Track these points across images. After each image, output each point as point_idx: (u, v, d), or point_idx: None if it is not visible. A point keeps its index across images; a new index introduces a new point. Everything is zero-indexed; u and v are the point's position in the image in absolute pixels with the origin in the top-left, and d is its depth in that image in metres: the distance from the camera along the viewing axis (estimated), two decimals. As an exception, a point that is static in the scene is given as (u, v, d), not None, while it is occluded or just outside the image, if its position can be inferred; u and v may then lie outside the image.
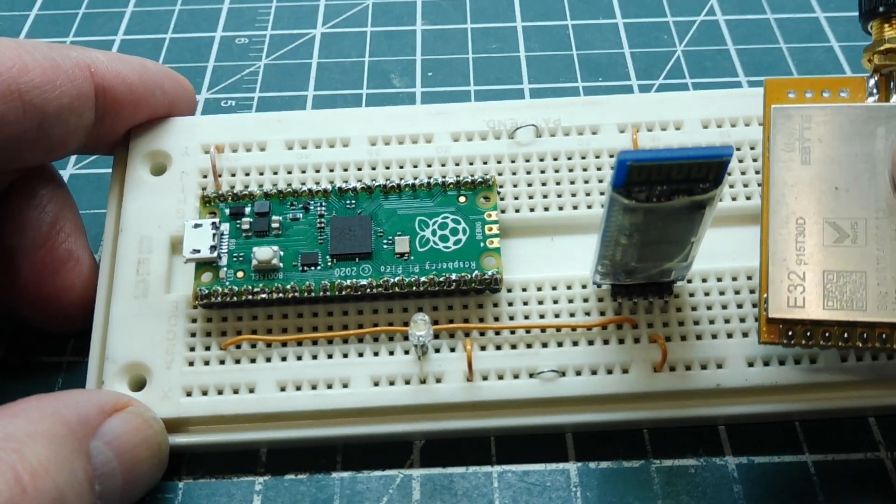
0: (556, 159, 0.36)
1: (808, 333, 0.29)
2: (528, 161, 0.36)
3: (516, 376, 0.33)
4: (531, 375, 0.32)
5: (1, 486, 0.24)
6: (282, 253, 0.33)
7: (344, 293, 0.33)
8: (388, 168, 0.36)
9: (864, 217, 0.29)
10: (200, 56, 0.49)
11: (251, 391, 0.32)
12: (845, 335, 0.29)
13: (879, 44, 0.31)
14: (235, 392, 0.32)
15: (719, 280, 0.34)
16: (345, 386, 0.32)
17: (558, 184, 0.36)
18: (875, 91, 0.31)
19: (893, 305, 0.29)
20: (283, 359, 0.33)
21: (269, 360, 0.33)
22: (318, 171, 0.36)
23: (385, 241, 0.34)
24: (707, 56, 0.48)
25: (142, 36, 0.50)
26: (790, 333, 0.30)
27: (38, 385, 0.34)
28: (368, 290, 0.33)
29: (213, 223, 0.33)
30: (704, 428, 0.33)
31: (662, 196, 0.27)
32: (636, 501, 0.31)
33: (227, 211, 0.34)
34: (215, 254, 0.33)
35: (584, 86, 0.47)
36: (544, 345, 0.33)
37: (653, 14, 0.51)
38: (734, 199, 0.35)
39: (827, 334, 0.29)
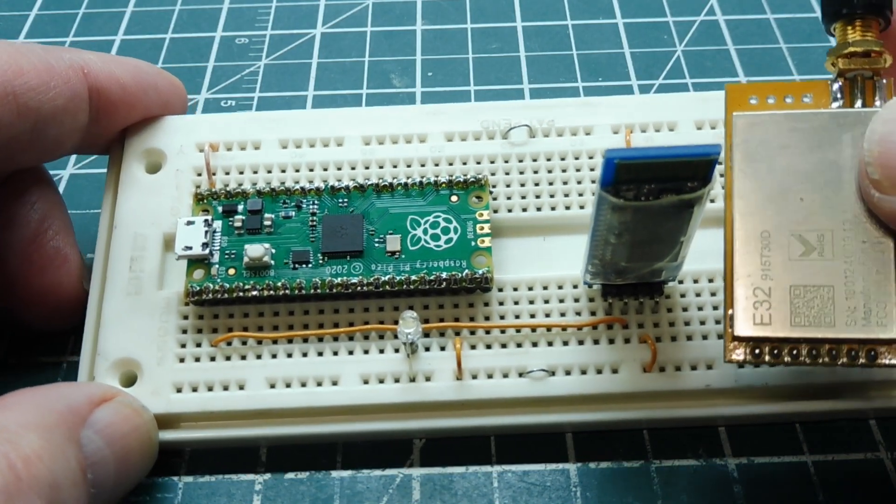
0: (549, 160, 0.36)
1: (776, 351, 0.28)
2: (521, 161, 0.36)
3: (506, 375, 0.33)
4: (521, 375, 0.32)
5: None
6: (273, 250, 0.34)
7: (335, 291, 0.33)
8: (381, 167, 0.36)
9: (830, 229, 0.28)
10: (200, 56, 0.49)
11: (241, 388, 0.32)
12: (813, 352, 0.28)
13: (843, 47, 0.30)
14: (226, 389, 0.32)
15: (710, 281, 0.34)
16: (334, 383, 0.32)
17: (551, 184, 0.36)
18: (839, 96, 0.30)
19: (862, 321, 0.28)
20: (274, 356, 0.33)
21: (259, 357, 0.33)
22: (311, 170, 0.36)
23: (377, 240, 0.34)
24: (707, 56, 0.48)
25: (142, 36, 0.50)
26: (757, 352, 0.29)
27: (38, 385, 0.34)
28: (359, 288, 0.33)
29: (206, 220, 0.34)
30: (704, 428, 0.33)
31: (651, 195, 0.27)
32: (636, 501, 0.32)
33: (220, 209, 0.35)
34: (207, 251, 0.33)
35: (584, 86, 0.47)
36: (534, 344, 0.33)
37: (653, 14, 0.51)
38: (727, 199, 0.35)
39: (794, 352, 0.28)
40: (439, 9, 0.52)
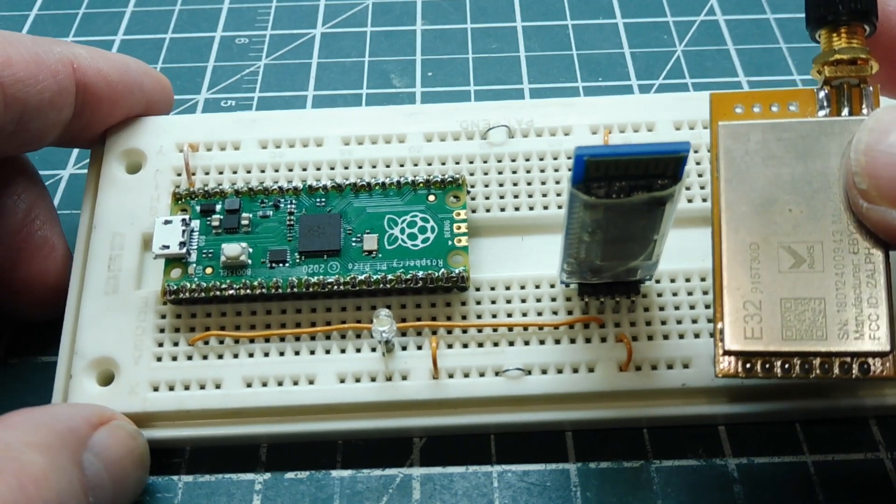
0: (527, 160, 0.36)
1: (767, 365, 0.28)
2: (499, 161, 0.36)
3: (482, 374, 0.33)
4: (497, 374, 0.32)
5: (6, 494, 0.25)
6: (251, 250, 0.34)
7: (311, 290, 0.33)
8: (360, 168, 0.36)
9: (820, 240, 0.28)
10: (200, 56, 0.49)
11: (217, 387, 0.33)
12: (805, 366, 0.28)
13: (829, 54, 0.29)
14: (202, 387, 0.33)
15: (687, 280, 0.34)
16: (311, 382, 0.33)
17: (529, 184, 0.36)
18: (826, 104, 0.30)
19: (855, 334, 0.27)
20: (250, 355, 0.33)
21: (236, 355, 0.33)
22: (290, 171, 0.36)
23: (354, 239, 0.34)
24: (707, 56, 0.48)
25: (142, 36, 0.50)
26: (748, 366, 0.28)
27: (38, 385, 0.34)
28: (335, 288, 0.33)
29: (184, 220, 0.34)
30: (705, 428, 0.33)
31: (622, 192, 0.27)
32: (636, 501, 0.32)
33: (198, 208, 0.35)
34: (184, 250, 0.33)
35: (584, 86, 0.47)
36: (511, 343, 0.33)
37: (653, 14, 0.51)
38: (704, 200, 0.35)
39: (786, 366, 0.28)
40: (439, 9, 0.52)
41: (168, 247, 0.33)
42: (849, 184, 0.28)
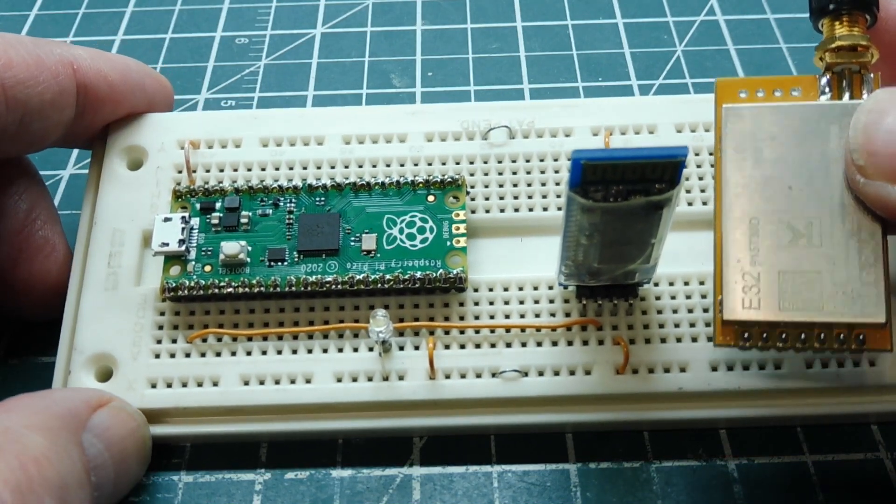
0: (528, 161, 0.36)
1: (765, 335, 0.29)
2: (500, 162, 0.36)
3: (479, 375, 0.33)
4: (493, 375, 0.32)
5: (7, 474, 0.25)
6: (250, 248, 0.34)
7: (309, 289, 0.33)
8: (360, 167, 0.36)
9: (818, 217, 0.29)
10: (200, 56, 0.49)
11: (215, 384, 0.33)
12: (802, 336, 0.29)
13: (830, 42, 0.30)
14: (199, 385, 0.33)
15: (686, 284, 0.34)
16: (308, 381, 0.33)
17: (529, 185, 0.36)
18: (827, 90, 0.30)
19: (851, 305, 0.28)
20: (248, 353, 0.33)
21: (233, 353, 0.33)
22: (291, 169, 0.36)
23: (352, 238, 0.34)
24: (707, 56, 0.48)
25: (142, 36, 0.50)
26: (746, 335, 0.29)
27: (38, 385, 0.34)
28: (334, 287, 0.33)
29: (183, 217, 0.34)
30: (705, 428, 0.33)
31: (619, 196, 0.27)
32: (636, 501, 0.32)
33: (198, 206, 0.35)
34: (183, 247, 0.33)
35: (584, 86, 0.47)
36: (508, 345, 0.33)
37: (653, 14, 0.51)
38: (705, 203, 0.35)
39: (784, 336, 0.29)
40: (439, 9, 0.52)
41: (167, 244, 0.33)
42: (847, 160, 0.29)
